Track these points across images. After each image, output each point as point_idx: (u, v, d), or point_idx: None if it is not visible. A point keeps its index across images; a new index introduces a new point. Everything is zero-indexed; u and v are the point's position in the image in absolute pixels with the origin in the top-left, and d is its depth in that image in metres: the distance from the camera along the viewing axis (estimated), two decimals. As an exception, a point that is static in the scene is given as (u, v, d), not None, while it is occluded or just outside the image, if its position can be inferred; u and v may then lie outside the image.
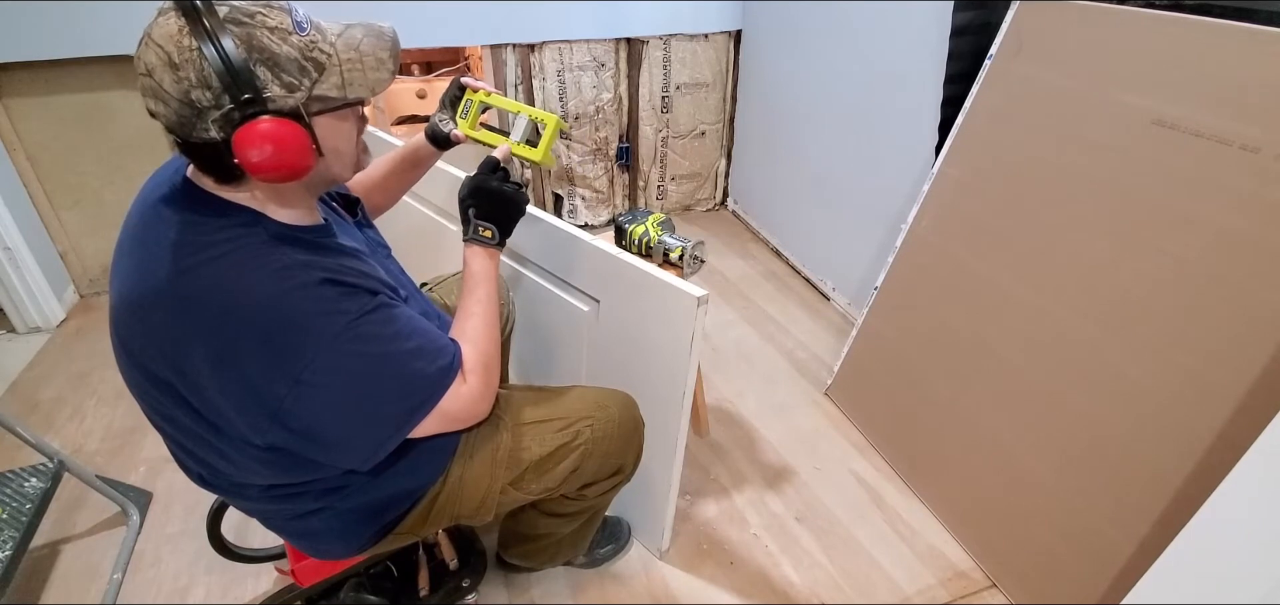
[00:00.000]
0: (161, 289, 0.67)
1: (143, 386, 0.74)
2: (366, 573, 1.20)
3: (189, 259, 0.67)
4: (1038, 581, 1.31)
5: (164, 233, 0.69)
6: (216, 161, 0.67)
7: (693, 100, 2.84)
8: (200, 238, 0.68)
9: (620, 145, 2.82)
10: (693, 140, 2.94)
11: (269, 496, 0.85)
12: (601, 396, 1.08)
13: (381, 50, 0.71)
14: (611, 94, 2.69)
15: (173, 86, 0.62)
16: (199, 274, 0.67)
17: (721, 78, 2.84)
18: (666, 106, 2.81)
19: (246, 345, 0.67)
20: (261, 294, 0.67)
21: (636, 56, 2.65)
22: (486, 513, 1.00)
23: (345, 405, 0.72)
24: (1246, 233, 1.06)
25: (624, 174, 2.92)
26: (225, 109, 0.63)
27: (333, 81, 0.68)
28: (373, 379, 0.73)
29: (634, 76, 2.68)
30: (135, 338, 0.71)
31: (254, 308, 0.67)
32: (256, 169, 0.65)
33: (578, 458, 1.02)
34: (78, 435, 1.73)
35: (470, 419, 0.85)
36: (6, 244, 2.01)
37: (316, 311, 0.68)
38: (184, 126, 0.64)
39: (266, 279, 0.67)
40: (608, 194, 2.92)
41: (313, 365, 0.68)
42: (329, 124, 0.71)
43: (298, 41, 0.66)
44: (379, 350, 0.73)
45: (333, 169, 0.75)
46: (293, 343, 0.68)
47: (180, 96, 0.62)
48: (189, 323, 0.67)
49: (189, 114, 0.63)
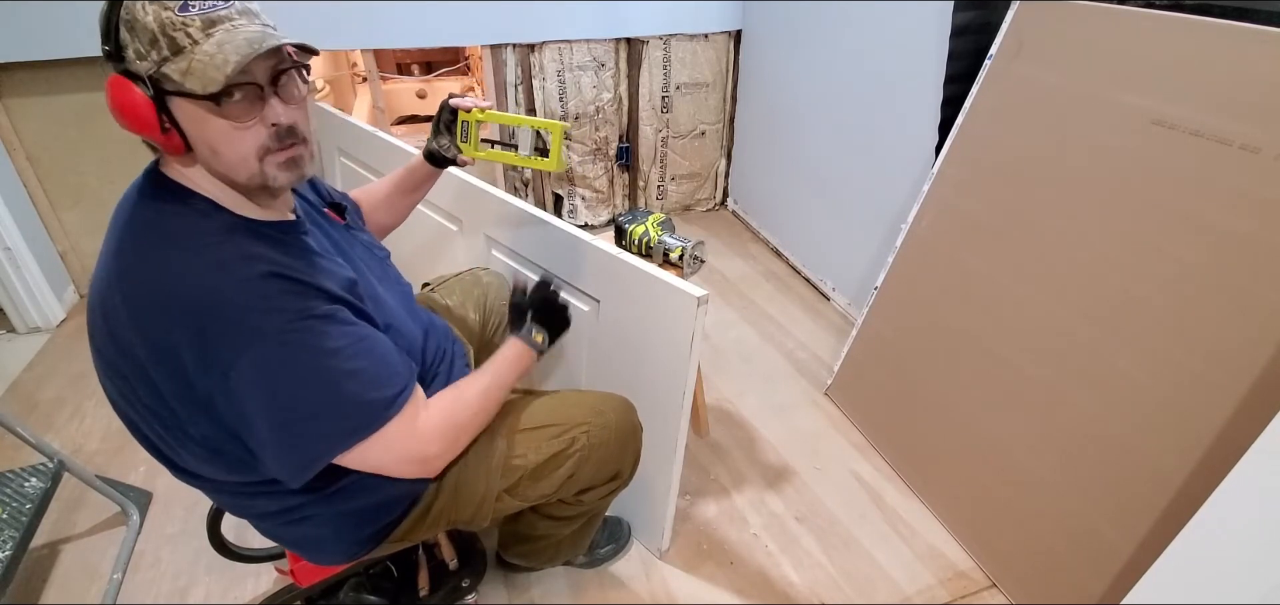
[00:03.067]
0: (117, 272, 0.69)
1: (105, 374, 0.74)
2: (366, 573, 1.20)
3: (140, 244, 0.69)
4: (1038, 581, 1.31)
5: (127, 221, 0.71)
6: None
7: (693, 100, 2.84)
8: (155, 223, 0.70)
9: (620, 145, 2.82)
10: (693, 140, 2.94)
11: (242, 493, 0.83)
12: (598, 401, 1.08)
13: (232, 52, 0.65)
14: (611, 94, 2.69)
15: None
16: (147, 259, 0.68)
17: (721, 78, 2.84)
18: (666, 106, 2.81)
19: (181, 333, 0.66)
20: (198, 283, 0.66)
21: (636, 56, 2.65)
22: (483, 519, 1.00)
23: (271, 410, 0.69)
24: (1246, 233, 1.06)
25: (624, 174, 2.92)
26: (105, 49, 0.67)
27: (178, 67, 0.65)
28: (302, 389, 0.70)
29: (634, 76, 2.68)
30: (97, 324, 0.71)
31: (191, 296, 0.66)
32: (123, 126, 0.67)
33: (574, 464, 1.01)
34: (78, 435, 1.73)
35: (414, 463, 0.80)
36: (6, 244, 2.01)
37: (253, 306, 0.67)
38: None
39: (207, 268, 0.67)
40: (608, 194, 2.92)
41: (241, 361, 0.66)
42: (192, 113, 0.67)
43: (164, 16, 0.64)
44: (312, 362, 0.70)
45: (216, 164, 0.70)
46: (225, 335, 0.66)
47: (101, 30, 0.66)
48: (134, 307, 0.67)
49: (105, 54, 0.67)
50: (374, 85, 2.65)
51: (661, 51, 2.68)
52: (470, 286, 1.34)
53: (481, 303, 1.32)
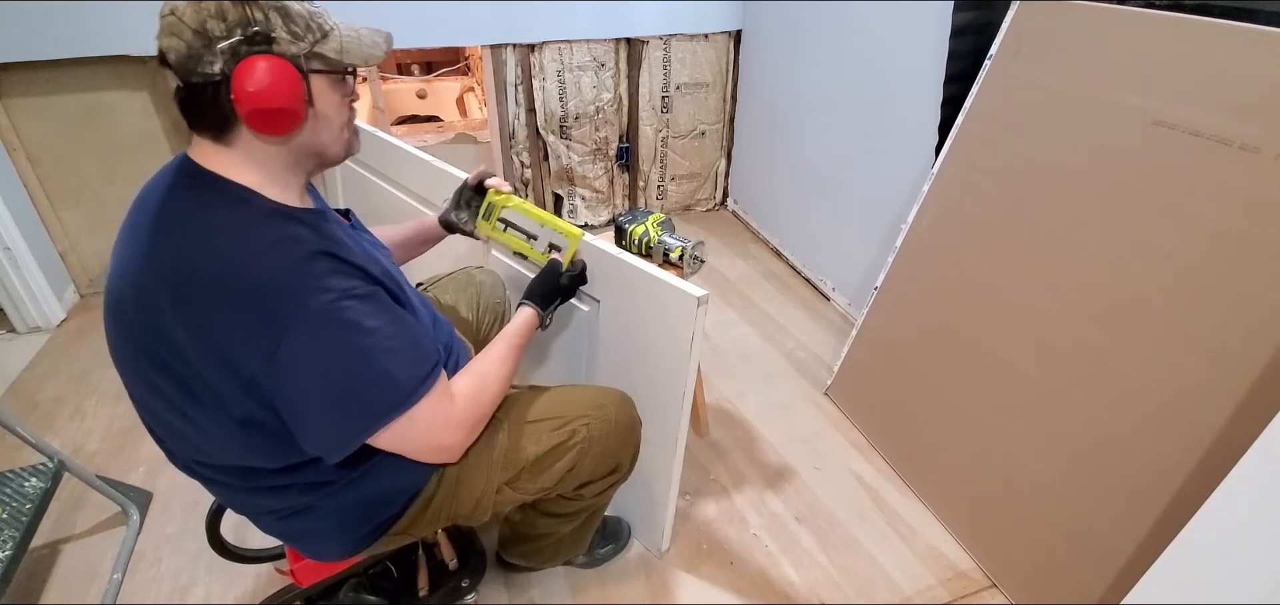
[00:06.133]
0: (155, 257, 0.70)
1: (134, 363, 0.74)
2: (366, 573, 1.19)
3: (181, 229, 0.70)
4: (1038, 581, 1.31)
5: (160, 209, 0.72)
6: (213, 103, 0.70)
7: (693, 100, 2.84)
8: (196, 209, 0.71)
9: (620, 145, 2.82)
10: (693, 140, 2.94)
11: (252, 488, 0.84)
12: (598, 395, 1.09)
13: (377, 36, 0.79)
14: (611, 94, 2.69)
15: (191, 16, 0.67)
16: (190, 244, 0.69)
17: (721, 78, 2.84)
18: (666, 106, 2.81)
19: (228, 312, 0.67)
20: (248, 263, 0.68)
21: (636, 56, 2.65)
22: (483, 513, 1.00)
23: (317, 386, 0.71)
24: (1246, 233, 1.06)
25: (624, 174, 2.92)
26: (234, 40, 0.68)
27: (332, 46, 0.74)
28: (346, 365, 0.72)
29: (634, 76, 2.68)
30: (129, 310, 0.72)
31: (240, 277, 0.68)
32: (251, 105, 0.68)
33: (574, 456, 1.02)
34: (78, 435, 1.73)
35: (438, 444, 0.82)
36: (6, 244, 2.01)
37: (301, 284, 0.69)
38: (191, 59, 0.68)
39: (254, 249, 0.69)
40: (608, 194, 2.92)
41: (289, 339, 0.68)
42: (322, 87, 0.75)
43: (309, 7, 0.73)
44: (356, 340, 0.72)
45: (321, 135, 0.78)
46: (273, 313, 0.68)
47: (196, 25, 0.67)
48: (177, 289, 0.68)
49: (199, 45, 0.67)
50: (374, 85, 2.65)
51: (661, 51, 2.68)
52: (464, 285, 1.34)
53: (475, 302, 1.33)
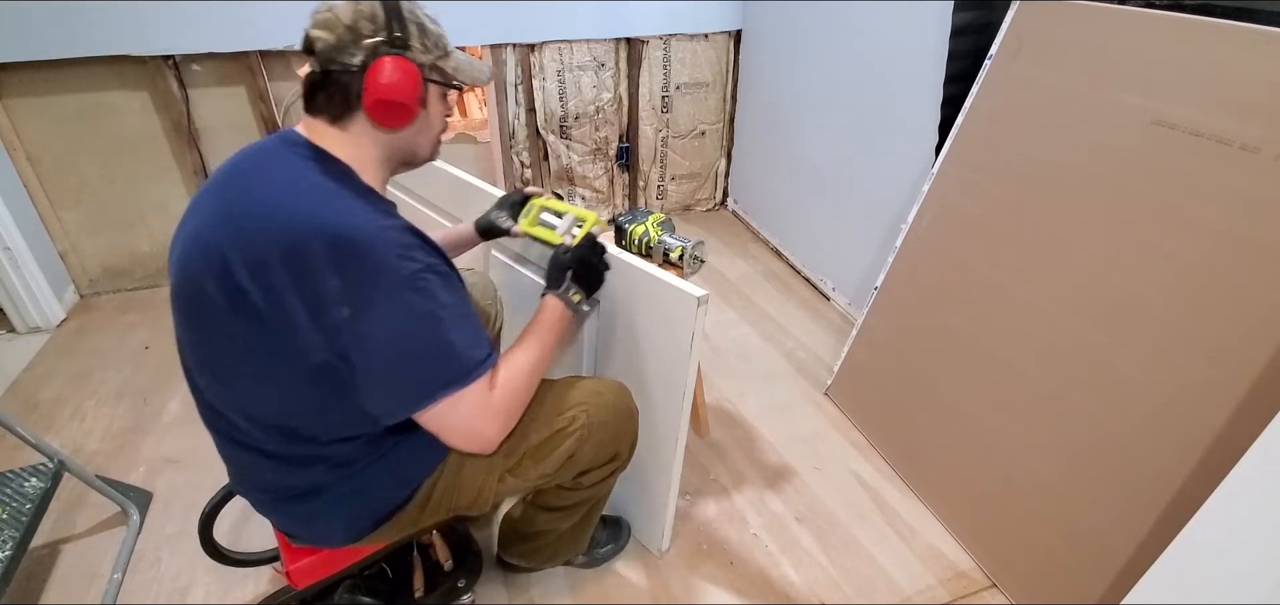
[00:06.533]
0: (266, 206, 0.77)
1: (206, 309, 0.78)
2: (361, 574, 1.19)
3: (289, 184, 0.79)
4: (1038, 581, 1.31)
5: (271, 168, 0.81)
6: (342, 89, 0.81)
7: (693, 100, 2.84)
8: (306, 174, 0.80)
9: (620, 145, 2.83)
10: (693, 140, 2.94)
11: (281, 457, 0.87)
12: (595, 384, 1.10)
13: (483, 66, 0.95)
14: (611, 94, 2.69)
15: (347, 15, 0.80)
16: (297, 197, 0.78)
17: (721, 78, 2.84)
18: (666, 106, 2.81)
19: (329, 265, 0.74)
20: (350, 224, 0.76)
21: (636, 56, 2.65)
22: (484, 503, 1.01)
23: (391, 345, 0.78)
24: (1246, 233, 1.06)
25: (624, 174, 2.92)
26: (377, 40, 0.80)
27: (450, 64, 0.89)
28: (420, 331, 0.79)
29: (634, 76, 2.68)
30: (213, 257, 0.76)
31: (342, 233, 0.75)
32: (377, 95, 0.80)
33: (574, 442, 1.03)
34: (78, 435, 1.73)
35: (478, 432, 0.87)
36: (6, 244, 2.01)
37: (393, 250, 0.77)
38: (337, 49, 0.80)
39: (357, 214, 0.78)
40: (608, 194, 2.92)
41: (378, 295, 0.76)
42: (434, 96, 0.89)
43: (437, 29, 0.88)
44: (432, 310, 0.79)
45: (420, 137, 0.90)
46: (368, 272, 0.75)
47: (350, 22, 0.80)
48: (284, 237, 0.74)
49: (348, 38, 0.80)
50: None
51: (661, 51, 2.68)
52: None
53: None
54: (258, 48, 2.15)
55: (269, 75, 2.24)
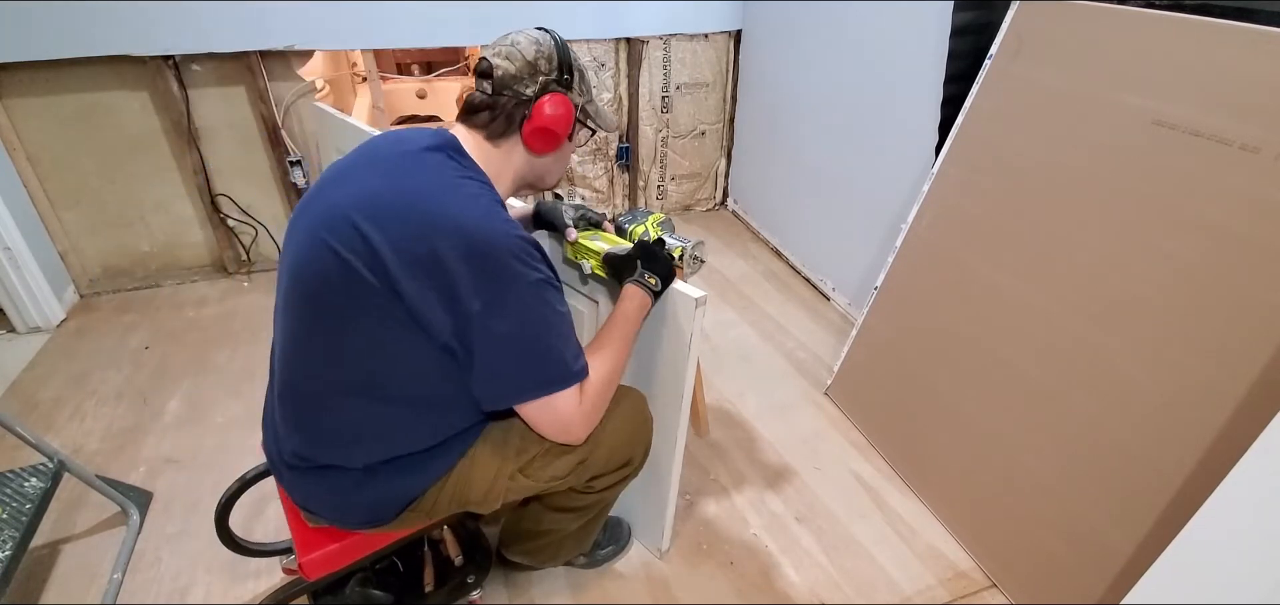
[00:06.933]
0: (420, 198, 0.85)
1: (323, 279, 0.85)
2: (372, 568, 1.20)
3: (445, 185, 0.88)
4: (1038, 581, 1.31)
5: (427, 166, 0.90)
6: (509, 114, 0.94)
7: (693, 100, 2.84)
8: (457, 178, 0.89)
9: (620, 145, 2.82)
10: (693, 140, 2.94)
11: (347, 432, 0.91)
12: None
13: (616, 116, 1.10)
14: (612, 94, 2.69)
15: (529, 51, 0.94)
16: (449, 198, 0.86)
17: (721, 78, 2.84)
18: (666, 106, 2.81)
19: (466, 261, 0.82)
20: (491, 229, 0.85)
21: (636, 56, 2.65)
22: (494, 500, 1.00)
23: (510, 339, 0.86)
24: (1246, 233, 1.06)
25: (624, 174, 2.92)
26: (550, 78, 0.95)
27: (593, 109, 1.04)
28: (537, 330, 0.87)
29: (634, 76, 2.68)
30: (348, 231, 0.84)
31: (482, 235, 0.84)
32: (538, 123, 0.94)
33: (588, 447, 1.03)
34: (78, 435, 1.73)
35: (568, 430, 0.95)
36: (6, 244, 2.01)
37: (520, 256, 0.86)
38: (513, 80, 0.93)
39: (498, 221, 0.86)
40: (608, 194, 2.92)
41: (505, 296, 0.84)
42: (577, 133, 1.03)
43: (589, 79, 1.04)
44: (548, 315, 0.88)
45: (553, 166, 1.04)
46: (502, 272, 0.84)
47: (531, 58, 0.94)
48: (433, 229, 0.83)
49: (527, 72, 0.93)
50: (374, 85, 2.65)
51: (661, 51, 2.68)
52: None
53: None
54: (258, 48, 2.15)
55: (269, 75, 2.23)
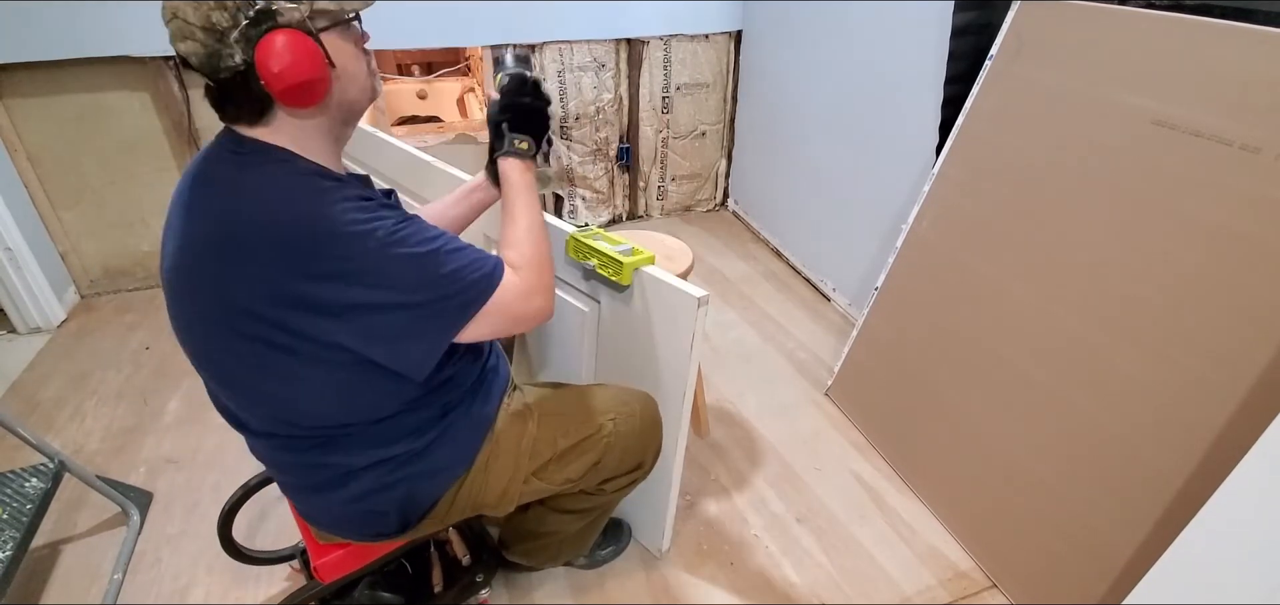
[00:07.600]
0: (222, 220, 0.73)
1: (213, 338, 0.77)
2: (381, 571, 1.20)
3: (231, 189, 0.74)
4: (1038, 582, 1.31)
5: (207, 179, 0.76)
6: (245, 91, 0.73)
7: (693, 100, 2.84)
8: (242, 172, 0.75)
9: (620, 146, 2.82)
10: (693, 140, 2.94)
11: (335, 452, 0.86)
12: (624, 393, 1.11)
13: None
14: (612, 94, 2.69)
15: (194, 16, 0.68)
16: (248, 200, 0.73)
17: (722, 78, 2.84)
18: (667, 107, 2.81)
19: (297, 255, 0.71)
20: (305, 209, 0.72)
21: (637, 57, 2.65)
22: (509, 503, 1.01)
23: (396, 303, 0.75)
24: (1246, 233, 1.06)
25: (624, 174, 2.92)
26: (241, 26, 0.69)
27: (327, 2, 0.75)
28: (418, 274, 0.76)
29: (634, 77, 2.68)
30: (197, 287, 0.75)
31: (300, 222, 0.71)
32: (280, 82, 0.71)
33: (601, 451, 1.04)
34: (78, 435, 1.73)
35: (529, 312, 0.86)
36: (7, 244, 2.01)
37: (356, 224, 0.73)
38: (212, 58, 0.70)
39: (308, 197, 0.73)
40: (608, 194, 2.92)
41: (360, 267, 0.72)
42: (336, 42, 0.77)
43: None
44: (422, 249, 0.76)
45: (349, 92, 0.80)
46: (338, 250, 0.72)
47: (202, 23, 0.68)
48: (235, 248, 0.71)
49: (213, 42, 0.69)
50: (374, 85, 2.64)
51: (662, 52, 2.68)
52: None
53: None
54: (258, 48, 2.15)
55: (269, 75, 2.23)
